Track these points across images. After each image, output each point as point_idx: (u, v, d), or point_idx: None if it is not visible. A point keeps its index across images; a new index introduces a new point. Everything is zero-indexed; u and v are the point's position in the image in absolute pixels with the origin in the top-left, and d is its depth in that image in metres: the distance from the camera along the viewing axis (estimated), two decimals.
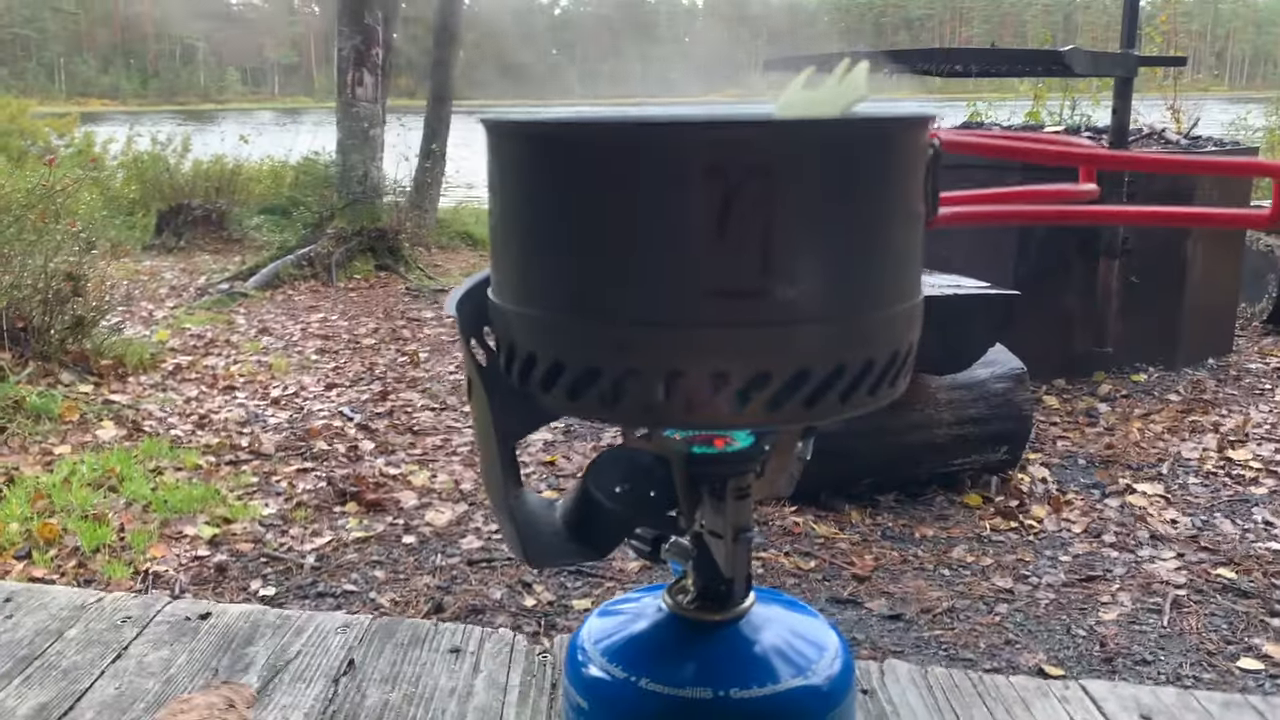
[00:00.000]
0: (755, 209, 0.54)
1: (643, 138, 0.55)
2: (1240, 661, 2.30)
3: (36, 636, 1.02)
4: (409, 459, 3.59)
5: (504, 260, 0.62)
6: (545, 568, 0.78)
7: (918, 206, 0.64)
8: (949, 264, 4.22)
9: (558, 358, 0.59)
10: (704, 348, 0.56)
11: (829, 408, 0.58)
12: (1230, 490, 3.27)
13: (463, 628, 1.03)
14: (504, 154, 0.60)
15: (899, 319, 0.61)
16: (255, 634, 1.03)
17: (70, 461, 3.45)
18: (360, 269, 7.04)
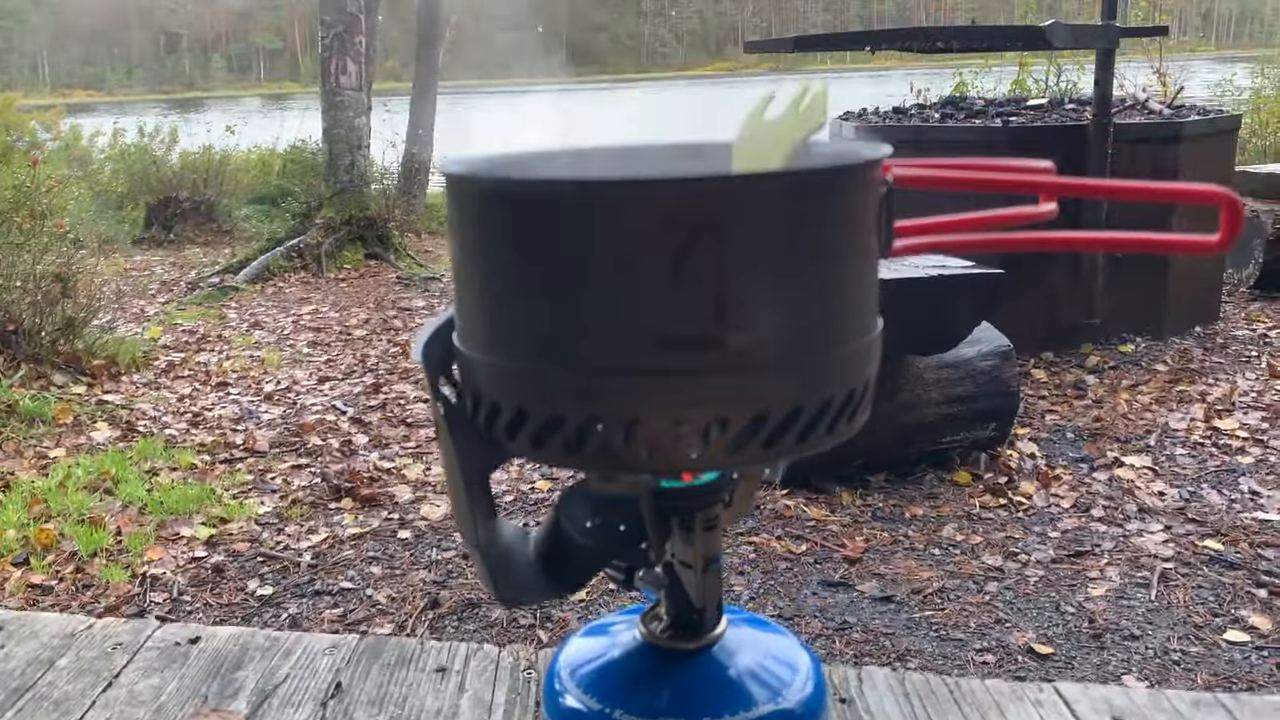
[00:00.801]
0: (708, 260, 0.56)
1: (598, 194, 0.56)
2: (1227, 634, 2.33)
3: (28, 667, 1.04)
4: (403, 452, 3.61)
5: (467, 307, 0.63)
6: (517, 606, 0.80)
7: (872, 243, 0.65)
8: None
9: (521, 406, 0.61)
10: (663, 395, 0.58)
11: (787, 448, 0.60)
12: (1217, 460, 3.30)
13: (449, 646, 1.05)
14: (464, 206, 0.62)
15: (855, 356, 0.63)
16: (244, 657, 1.05)
17: (65, 465, 3.47)
18: (350, 258, 7.03)
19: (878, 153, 0.65)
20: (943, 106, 5.23)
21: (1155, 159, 4.31)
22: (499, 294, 0.60)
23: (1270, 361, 4.19)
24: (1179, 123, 4.37)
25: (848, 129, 4.82)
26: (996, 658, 2.27)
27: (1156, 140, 4.31)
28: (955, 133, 4.46)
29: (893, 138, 4.62)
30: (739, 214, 0.56)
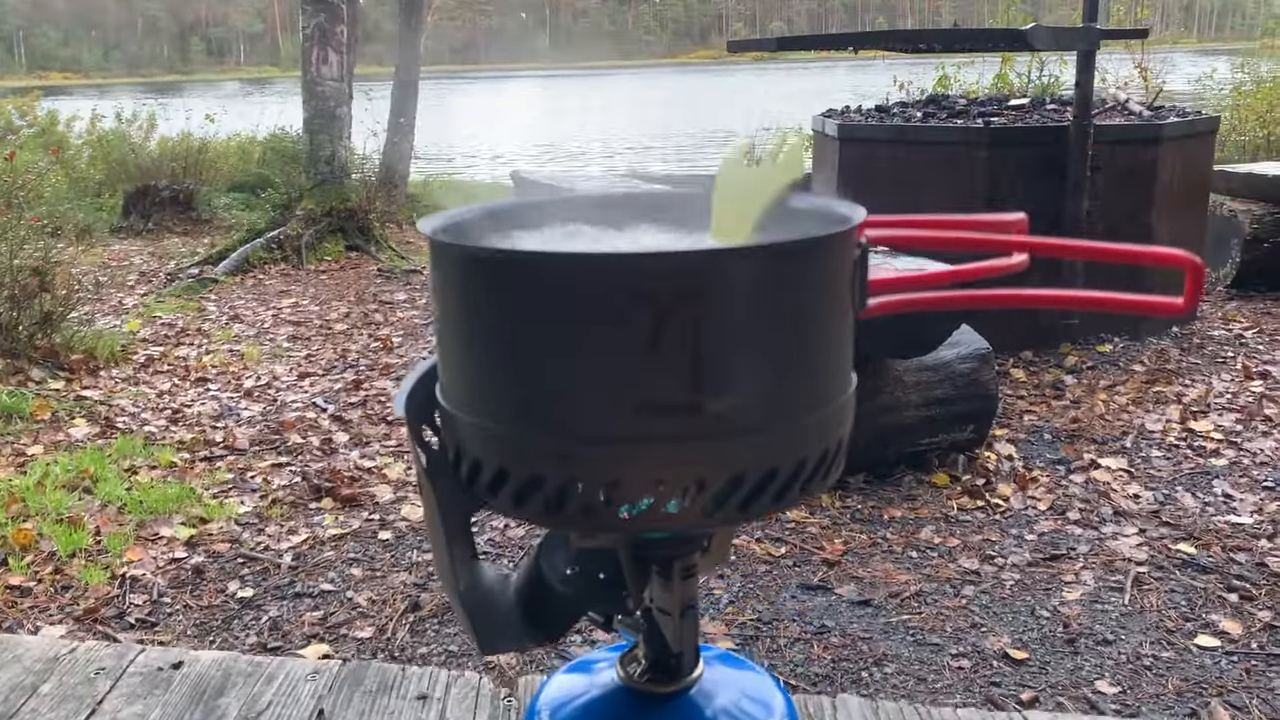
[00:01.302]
0: (686, 330, 0.57)
1: (579, 267, 0.57)
2: (1198, 639, 2.36)
3: (11, 693, 1.04)
4: (383, 451, 3.61)
5: (450, 365, 0.64)
6: (498, 654, 0.81)
7: (847, 305, 0.66)
8: None
9: (502, 465, 0.62)
10: (641, 460, 0.59)
11: (763, 508, 0.61)
12: (1191, 463, 3.34)
13: (429, 672, 1.06)
14: (446, 271, 0.62)
15: (829, 418, 0.64)
16: (227, 683, 1.05)
17: (43, 463, 3.45)
18: (331, 250, 7.00)
19: (852, 218, 0.67)
20: (925, 105, 5.25)
21: (1134, 160, 4.34)
22: (481, 357, 0.61)
23: (1245, 363, 4.24)
24: (1158, 124, 4.40)
25: (830, 126, 4.83)
26: (972, 663, 2.30)
27: (1136, 142, 4.35)
28: (937, 133, 4.48)
29: (875, 137, 4.65)
30: (716, 287, 0.57)
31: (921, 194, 4.45)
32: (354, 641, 2.45)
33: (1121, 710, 2.11)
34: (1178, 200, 4.52)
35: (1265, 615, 2.45)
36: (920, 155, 4.47)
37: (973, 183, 4.35)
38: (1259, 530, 2.88)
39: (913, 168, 4.48)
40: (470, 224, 0.71)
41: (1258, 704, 2.13)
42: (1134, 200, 4.40)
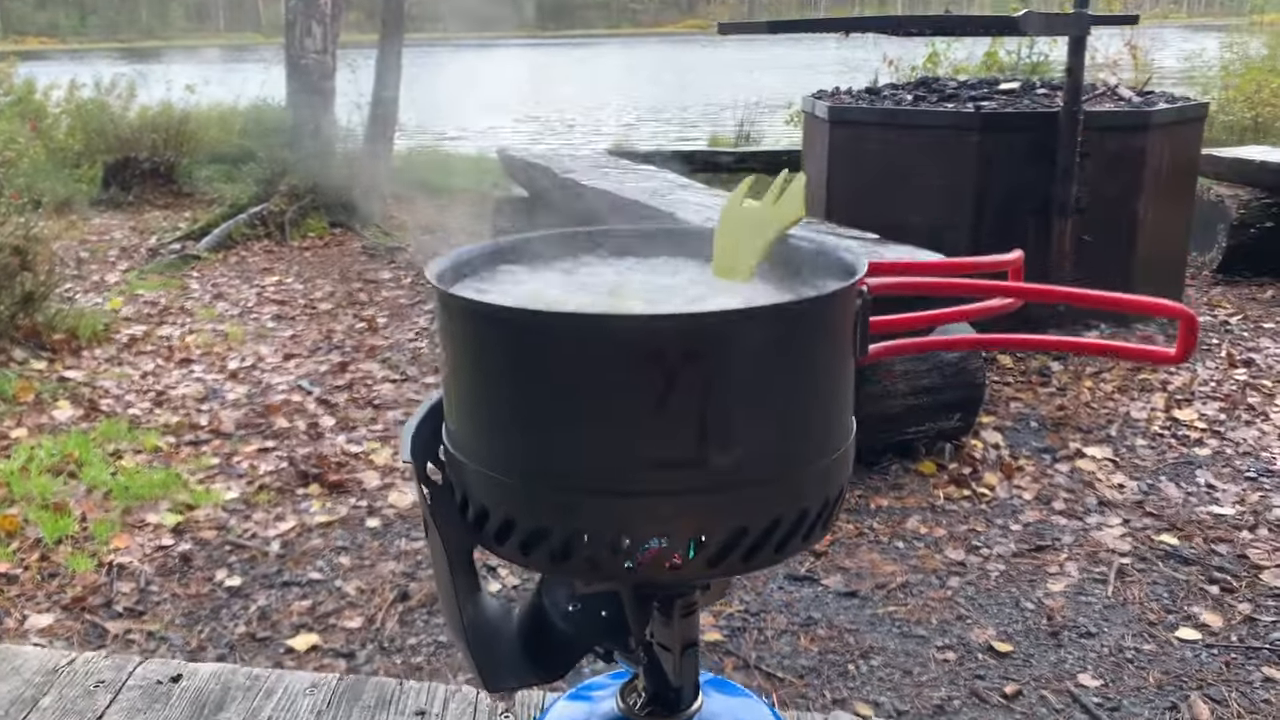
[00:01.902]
0: (692, 389, 0.57)
1: (589, 327, 0.57)
2: (1179, 631, 2.39)
3: (12, 706, 1.04)
4: (370, 435, 3.60)
5: (458, 415, 0.64)
6: (503, 691, 0.81)
7: (848, 356, 0.66)
8: (907, 225, 4.26)
9: (509, 515, 0.62)
10: (647, 514, 0.59)
11: (765, 559, 0.62)
12: (1175, 452, 3.36)
13: (427, 687, 1.07)
14: (453, 322, 0.62)
15: (830, 468, 0.64)
16: (226, 698, 1.05)
17: (27, 446, 3.43)
18: (314, 226, 6.95)
19: (855, 269, 0.66)
20: (915, 88, 5.23)
21: (1123, 146, 4.35)
22: (489, 410, 0.61)
23: (1230, 350, 4.27)
24: (1147, 111, 4.40)
25: (820, 108, 4.81)
26: (957, 655, 2.32)
27: (1125, 128, 4.35)
28: (928, 117, 4.47)
29: (865, 120, 4.63)
30: (723, 347, 0.57)
31: (911, 178, 4.45)
32: (343, 631, 2.46)
33: (1103, 704, 2.14)
34: (1166, 186, 4.53)
35: (1245, 608, 2.48)
36: (910, 139, 4.46)
37: (963, 167, 4.34)
38: (1240, 521, 2.91)
39: (903, 151, 4.47)
40: (474, 262, 0.71)
41: (1236, 697, 2.16)
42: (1122, 186, 4.41)
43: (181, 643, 2.42)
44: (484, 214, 8.16)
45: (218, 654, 2.38)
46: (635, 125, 13.73)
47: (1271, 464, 3.26)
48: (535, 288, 0.70)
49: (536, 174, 5.16)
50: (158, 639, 2.45)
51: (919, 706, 2.14)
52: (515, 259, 0.73)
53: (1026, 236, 4.34)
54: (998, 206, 4.34)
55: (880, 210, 4.36)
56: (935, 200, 4.39)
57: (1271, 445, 3.40)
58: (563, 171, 4.83)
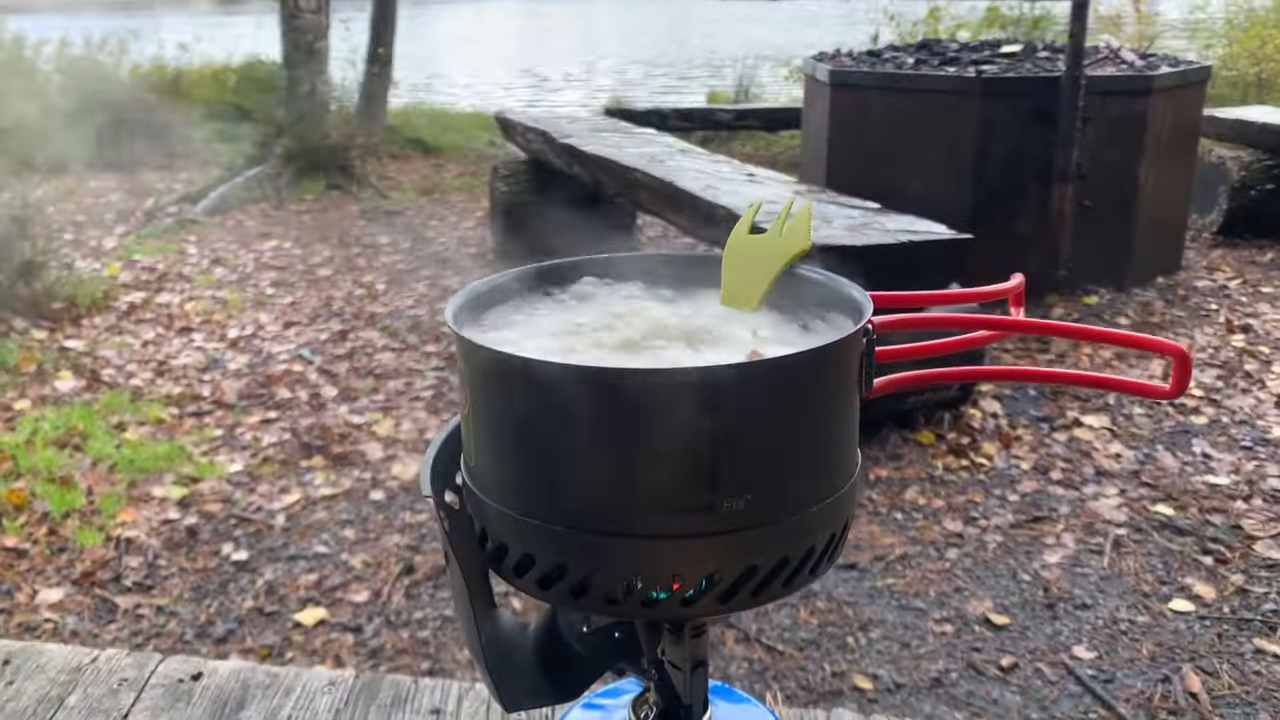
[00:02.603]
0: (704, 438, 0.58)
1: (607, 380, 0.58)
2: (1172, 603, 2.44)
3: (39, 705, 1.07)
4: (372, 406, 3.62)
5: (479, 454, 0.65)
6: (521, 711, 0.84)
7: (854, 393, 0.68)
8: (908, 191, 4.26)
9: (528, 551, 0.64)
10: (661, 556, 0.61)
11: (774, 593, 0.64)
12: (1172, 421, 3.39)
13: (441, 684, 1.09)
14: (476, 371, 0.63)
15: (835, 505, 0.66)
16: (246, 696, 1.08)
17: (31, 419, 3.45)
18: (311, 189, 6.91)
19: (863, 312, 0.68)
20: (916, 50, 5.19)
21: (1125, 111, 4.33)
22: (510, 455, 0.62)
23: (1228, 315, 4.28)
24: (1150, 75, 4.38)
25: (821, 70, 4.78)
26: (955, 628, 2.36)
27: (1127, 93, 4.33)
28: (929, 81, 4.44)
29: (866, 83, 4.60)
30: (734, 398, 0.58)
31: (912, 143, 4.43)
32: (350, 606, 2.49)
33: (1097, 676, 2.19)
34: (1167, 150, 4.52)
35: (1238, 579, 2.52)
36: (911, 103, 4.43)
37: (964, 133, 4.33)
38: (1235, 491, 2.94)
39: (904, 115, 4.45)
40: (491, 297, 0.72)
41: (1227, 669, 2.20)
42: (1123, 151, 4.39)
43: (191, 617, 2.46)
44: (481, 173, 8.13)
45: (226, 628, 2.42)
46: (634, 81, 13.59)
47: (1267, 432, 3.29)
48: (547, 324, 0.71)
49: (534, 137, 5.14)
50: (167, 614, 2.48)
51: (916, 679, 2.19)
52: (523, 290, 0.74)
53: (1027, 202, 4.34)
54: (998, 172, 4.33)
55: (881, 175, 4.35)
56: (936, 166, 4.38)
57: (1267, 413, 3.43)
58: (561, 136, 4.81)
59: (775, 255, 0.78)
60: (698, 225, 3.64)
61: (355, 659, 2.30)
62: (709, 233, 3.58)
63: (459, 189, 7.53)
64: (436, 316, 4.54)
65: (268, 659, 2.31)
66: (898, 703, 2.11)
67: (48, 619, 2.46)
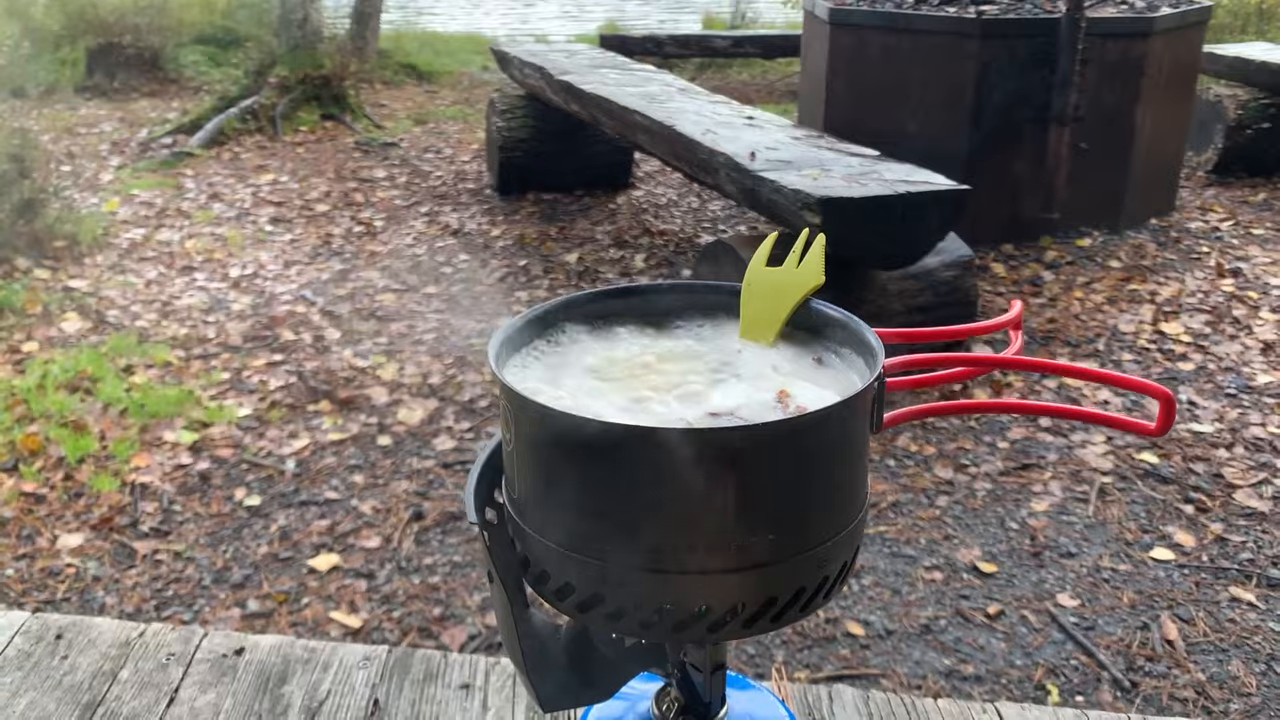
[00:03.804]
0: (730, 486, 0.65)
1: (644, 437, 0.64)
2: (1153, 551, 2.54)
3: (94, 679, 1.15)
4: (375, 349, 3.67)
5: (523, 489, 0.72)
6: (558, 711, 0.91)
7: (867, 435, 0.74)
8: (906, 132, 4.27)
9: (568, 580, 0.70)
10: (691, 589, 0.68)
11: (791, 618, 0.71)
12: (1160, 367, 3.47)
13: (469, 660, 1.17)
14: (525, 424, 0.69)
15: (848, 538, 0.72)
16: (288, 671, 1.16)
17: (40, 361, 3.50)
18: (306, 120, 6.87)
19: (877, 357, 0.74)
20: None
21: (1124, 53, 4.32)
22: (553, 496, 0.69)
23: (1219, 259, 4.34)
24: (1150, 18, 4.36)
25: (820, 8, 4.75)
26: (944, 575, 2.46)
27: (1127, 35, 4.32)
28: (929, 21, 4.42)
29: (866, 23, 4.58)
30: (758, 451, 0.64)
31: (910, 85, 4.43)
32: (362, 552, 2.58)
33: (1079, 623, 2.30)
34: (1164, 92, 4.52)
35: (1217, 527, 2.63)
36: (911, 43, 4.42)
37: (962, 75, 4.32)
38: (1218, 439, 3.03)
39: (903, 56, 4.44)
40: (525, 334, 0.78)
41: (1203, 616, 2.31)
42: (1121, 94, 4.40)
43: (208, 563, 2.55)
44: (474, 100, 8.07)
45: (243, 574, 2.51)
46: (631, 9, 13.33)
47: (1251, 380, 3.38)
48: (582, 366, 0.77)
49: (531, 72, 5.10)
50: (184, 559, 2.57)
51: (907, 625, 2.29)
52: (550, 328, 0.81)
53: (1023, 145, 4.36)
54: (996, 114, 4.34)
55: (879, 116, 4.35)
56: (934, 108, 4.38)
57: (1253, 360, 3.51)
58: (559, 73, 4.78)
59: (791, 289, 0.83)
60: (697, 171, 3.66)
61: (369, 604, 2.39)
62: (708, 179, 3.60)
63: (453, 118, 7.48)
64: (436, 256, 4.57)
65: (284, 604, 2.40)
66: (889, 649, 2.22)
67: (69, 564, 2.55)
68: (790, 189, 3.06)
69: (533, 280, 4.29)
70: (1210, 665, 2.16)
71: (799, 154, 3.45)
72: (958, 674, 2.14)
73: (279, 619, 2.34)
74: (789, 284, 0.83)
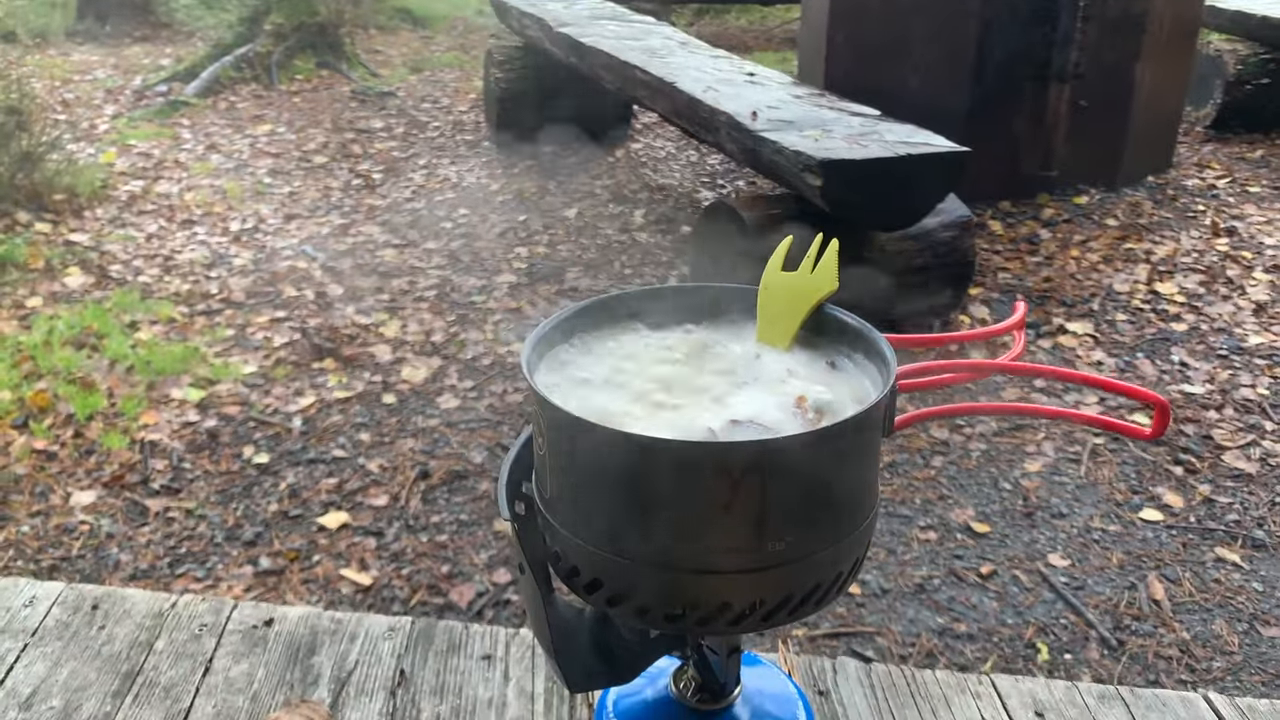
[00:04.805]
0: (752, 495, 0.69)
1: (672, 451, 0.69)
2: (1142, 512, 2.61)
3: (131, 649, 1.20)
4: (378, 306, 3.70)
5: (554, 490, 0.76)
6: (586, 692, 0.97)
7: (879, 440, 0.78)
8: (907, 87, 4.26)
9: (598, 576, 0.75)
10: (712, 588, 0.73)
11: (806, 612, 0.76)
12: (1154, 328, 3.52)
13: (489, 631, 1.23)
14: (557, 432, 0.73)
15: (860, 536, 0.77)
16: (316, 642, 1.21)
17: (46, 317, 3.53)
18: (302, 69, 6.81)
19: (890, 366, 0.78)
20: None
21: (1126, 9, 4.31)
22: (586, 500, 0.73)
23: (1214, 218, 4.37)
24: None
25: None
26: (938, 535, 2.53)
27: None
28: None
29: None
30: (779, 462, 0.69)
31: (911, 41, 4.41)
32: (370, 510, 2.64)
33: (1069, 583, 2.37)
34: (1164, 49, 4.51)
35: (1205, 489, 2.69)
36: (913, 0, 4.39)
37: (962, 31, 4.31)
38: (1209, 400, 3.09)
39: (905, 11, 4.41)
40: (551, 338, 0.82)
41: (1189, 576, 2.39)
42: (1122, 51, 4.39)
43: (219, 520, 2.60)
44: (470, 46, 8.00)
45: (254, 532, 2.57)
46: None
47: (1243, 341, 3.43)
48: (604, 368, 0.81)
49: (530, 23, 5.07)
50: (196, 517, 2.63)
51: (901, 584, 2.36)
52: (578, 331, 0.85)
53: (1023, 102, 4.36)
54: (997, 71, 4.33)
55: (880, 73, 4.34)
56: (935, 64, 4.37)
57: (1245, 321, 3.56)
58: (558, 25, 4.75)
59: (805, 295, 0.87)
60: (698, 129, 3.67)
61: (379, 562, 2.45)
62: (709, 137, 3.61)
63: (449, 65, 7.43)
64: (435, 211, 4.58)
65: (296, 562, 2.46)
66: (884, 607, 2.29)
67: (83, 520, 2.60)
68: (792, 150, 3.07)
69: (532, 235, 4.31)
70: (1195, 625, 2.23)
71: (800, 113, 3.46)
72: (951, 632, 2.21)
73: (291, 576, 2.40)
74: (804, 289, 0.87)
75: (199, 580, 2.38)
